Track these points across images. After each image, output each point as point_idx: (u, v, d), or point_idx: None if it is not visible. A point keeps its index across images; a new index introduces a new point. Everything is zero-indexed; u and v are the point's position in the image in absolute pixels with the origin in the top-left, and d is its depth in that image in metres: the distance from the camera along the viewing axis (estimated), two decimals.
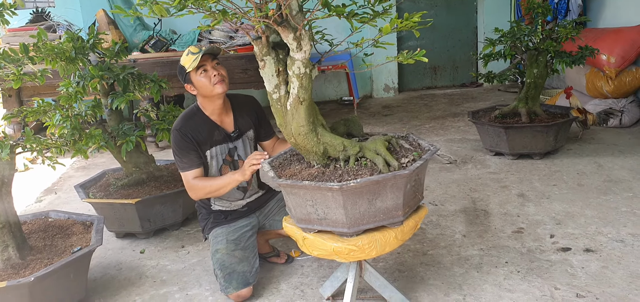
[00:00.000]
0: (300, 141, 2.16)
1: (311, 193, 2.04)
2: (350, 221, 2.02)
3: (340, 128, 2.35)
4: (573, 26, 4.47)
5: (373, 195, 2.00)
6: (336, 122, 2.38)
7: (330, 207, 2.03)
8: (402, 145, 2.24)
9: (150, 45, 5.91)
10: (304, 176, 2.14)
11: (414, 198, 2.17)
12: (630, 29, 5.25)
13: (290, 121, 2.14)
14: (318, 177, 2.11)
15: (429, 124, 5.97)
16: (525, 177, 4.07)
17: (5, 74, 2.57)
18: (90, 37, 3.28)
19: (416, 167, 2.01)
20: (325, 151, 2.17)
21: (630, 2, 5.40)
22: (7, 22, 2.64)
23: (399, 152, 2.20)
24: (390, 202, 2.04)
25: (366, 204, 2.01)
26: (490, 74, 4.79)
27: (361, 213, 2.02)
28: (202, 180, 2.70)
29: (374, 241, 2.08)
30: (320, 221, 2.09)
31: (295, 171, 2.22)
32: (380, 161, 2.06)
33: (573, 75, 5.85)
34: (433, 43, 8.05)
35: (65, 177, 5.16)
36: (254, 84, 5.64)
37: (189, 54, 2.62)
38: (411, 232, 2.18)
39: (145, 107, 3.65)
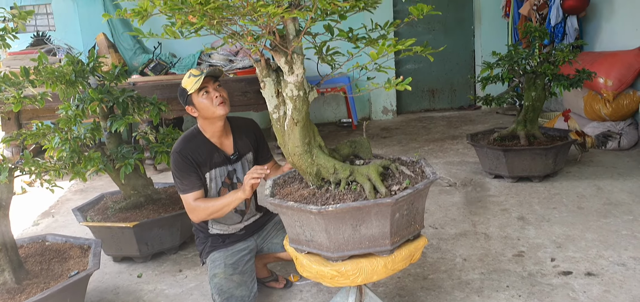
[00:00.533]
0: (295, 161, 2.17)
1: (297, 214, 2.06)
2: (333, 245, 2.01)
3: (345, 150, 2.33)
4: (570, 50, 4.51)
5: (357, 221, 1.97)
6: (342, 144, 2.36)
7: (314, 229, 2.03)
8: (403, 172, 2.19)
9: (150, 69, 5.94)
10: (296, 196, 2.15)
11: (408, 227, 2.11)
12: (626, 52, 5.29)
13: (287, 141, 2.15)
14: (308, 198, 2.10)
15: (427, 146, 5.98)
16: (525, 200, 4.06)
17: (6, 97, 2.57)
18: (90, 60, 3.30)
19: (400, 197, 1.96)
20: (319, 172, 2.17)
21: (626, 27, 5.45)
22: (8, 46, 2.65)
23: (396, 178, 2.16)
24: (376, 230, 1.99)
25: (350, 229, 1.98)
26: (489, 97, 4.80)
27: (345, 238, 1.99)
28: (203, 201, 2.69)
29: (359, 268, 2.03)
30: (308, 242, 2.09)
31: (291, 191, 2.22)
32: (367, 187, 2.04)
33: (571, 98, 5.87)
34: (431, 66, 8.10)
35: (62, 200, 5.13)
36: (253, 106, 5.65)
37: (191, 76, 2.63)
38: (405, 262, 2.11)
39: (144, 130, 3.65)
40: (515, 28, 7.13)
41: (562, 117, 5.07)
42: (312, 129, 2.18)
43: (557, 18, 6.05)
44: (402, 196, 1.96)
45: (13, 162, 2.41)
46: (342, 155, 2.30)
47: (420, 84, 8.21)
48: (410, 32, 7.58)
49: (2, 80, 2.52)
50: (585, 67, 4.65)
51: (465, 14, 7.99)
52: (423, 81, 8.19)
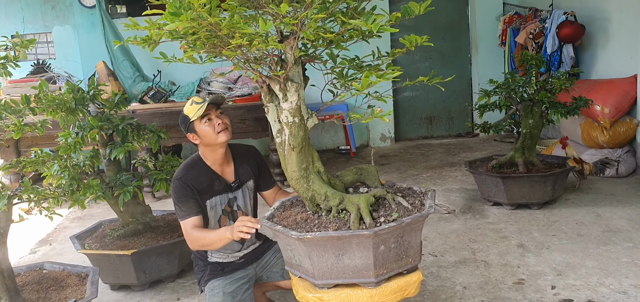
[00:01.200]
0: (294, 185, 2.19)
1: (285, 239, 2.06)
2: (317, 272, 1.99)
3: (349, 176, 2.30)
4: (567, 77, 4.55)
5: (339, 250, 1.95)
6: (347, 170, 2.33)
7: (300, 255, 2.03)
8: (400, 203, 2.13)
9: (149, 96, 5.97)
10: (290, 220, 2.15)
11: (398, 261, 2.03)
12: (622, 80, 5.34)
13: (286, 165, 2.17)
14: (300, 223, 2.10)
15: (426, 173, 5.98)
16: (524, 227, 4.05)
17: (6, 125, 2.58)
18: (90, 88, 3.32)
19: (381, 230, 1.91)
20: (313, 197, 2.17)
21: (622, 55, 5.51)
22: (9, 74, 2.67)
23: (391, 208, 2.10)
24: (359, 261, 1.96)
25: (333, 258, 1.96)
26: (486, 125, 4.83)
27: (329, 266, 1.97)
28: (198, 231, 2.67)
29: (342, 298, 2.00)
30: (298, 267, 2.09)
31: (291, 214, 2.23)
32: (352, 216, 2.02)
33: (568, 125, 5.91)
34: (428, 94, 8.15)
35: (60, 228, 5.11)
36: (251, 133, 5.67)
37: (193, 103, 2.64)
38: (395, 296, 2.03)
39: (143, 157, 3.65)
40: (512, 56, 7.19)
41: (560, 144, 5.09)
42: (312, 154, 2.18)
43: (553, 46, 6.11)
44: (383, 228, 1.92)
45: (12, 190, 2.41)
46: (346, 182, 2.29)
47: (418, 112, 8.25)
48: (407, 60, 7.65)
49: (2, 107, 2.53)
50: (582, 94, 4.69)
51: (462, 42, 8.08)
52: (421, 109, 8.24)
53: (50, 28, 7.42)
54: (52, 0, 7.40)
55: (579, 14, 6.01)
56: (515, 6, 7.64)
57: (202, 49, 1.90)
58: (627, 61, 5.39)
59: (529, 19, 6.99)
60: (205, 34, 1.80)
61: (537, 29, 6.53)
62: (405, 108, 8.21)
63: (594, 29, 5.97)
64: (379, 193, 2.17)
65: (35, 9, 7.36)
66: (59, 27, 7.43)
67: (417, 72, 7.56)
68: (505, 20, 7.39)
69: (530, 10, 7.09)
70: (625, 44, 5.41)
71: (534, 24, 6.65)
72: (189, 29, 1.78)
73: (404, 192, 2.30)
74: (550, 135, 6.90)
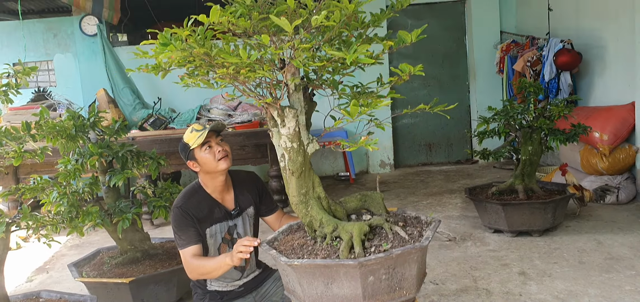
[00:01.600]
0: (294, 209, 2.19)
1: (278, 264, 2.07)
2: (308, 299, 1.98)
3: (352, 203, 2.28)
4: (565, 104, 4.57)
5: (327, 279, 1.93)
6: (351, 197, 2.31)
7: (293, 281, 2.02)
8: (397, 232, 2.09)
9: (149, 123, 5.98)
10: (287, 246, 2.15)
11: (390, 293, 1.97)
12: (620, 107, 5.36)
13: (288, 189, 2.18)
14: (296, 249, 2.10)
15: (426, 200, 5.97)
16: (526, 254, 4.03)
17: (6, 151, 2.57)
18: (90, 115, 3.32)
19: (367, 260, 1.88)
20: (311, 223, 2.17)
21: (619, 82, 5.55)
22: (10, 101, 2.68)
23: (388, 238, 2.06)
24: (348, 291, 1.92)
25: (322, 286, 1.94)
26: (486, 151, 4.83)
27: (318, 294, 1.95)
28: (197, 259, 2.65)
29: None
30: (293, 292, 2.08)
31: (293, 238, 2.22)
32: (343, 244, 2.00)
33: (567, 152, 5.91)
34: (427, 121, 8.18)
35: (58, 255, 5.07)
36: (251, 160, 5.67)
37: (193, 131, 2.64)
38: None
39: (143, 184, 3.64)
40: (510, 84, 7.24)
41: (560, 171, 5.09)
42: (312, 179, 2.17)
43: (551, 74, 6.16)
44: (369, 259, 1.89)
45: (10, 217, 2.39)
46: (349, 208, 2.27)
47: (418, 138, 8.27)
48: (406, 87, 7.69)
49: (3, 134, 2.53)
50: (581, 121, 4.70)
51: (460, 70, 8.14)
52: (420, 135, 8.26)
53: (52, 56, 7.48)
54: (54, 29, 7.47)
55: (575, 42, 6.06)
56: (512, 35, 7.72)
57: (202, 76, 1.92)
58: (624, 88, 5.43)
59: (526, 47, 7.06)
60: (200, 62, 1.83)
61: (534, 57, 6.58)
62: (404, 135, 8.23)
63: (590, 56, 6.02)
64: (377, 222, 2.13)
65: (37, 37, 7.43)
66: (61, 55, 7.49)
67: (416, 99, 7.60)
68: (503, 49, 7.46)
69: (527, 39, 7.16)
70: (622, 72, 5.45)
71: (531, 51, 6.71)
72: (183, 59, 1.82)
73: (409, 222, 2.24)
74: (550, 162, 6.90)
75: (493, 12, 7.89)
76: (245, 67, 1.80)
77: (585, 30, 6.10)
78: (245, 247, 2.32)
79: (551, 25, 6.65)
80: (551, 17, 6.65)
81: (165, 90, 7.25)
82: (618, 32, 5.47)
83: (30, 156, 2.66)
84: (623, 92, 5.45)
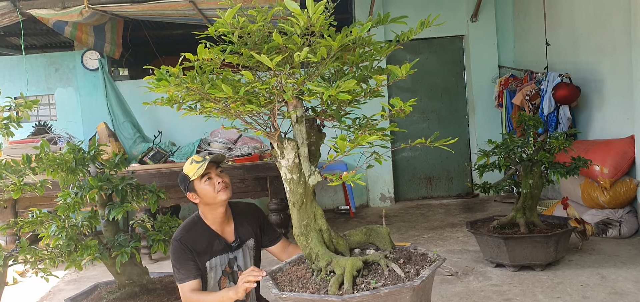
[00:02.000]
0: (296, 240, 2.20)
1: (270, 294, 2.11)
2: None
3: (357, 237, 2.25)
4: (565, 138, 4.58)
5: None
6: (356, 230, 2.28)
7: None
8: (394, 270, 2.05)
9: (149, 157, 5.98)
10: (287, 278, 2.16)
11: None
12: (619, 140, 5.37)
13: (292, 220, 2.19)
14: (293, 281, 2.10)
15: (427, 234, 5.93)
16: (528, 289, 3.98)
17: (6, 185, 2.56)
18: (91, 148, 3.32)
19: (350, 298, 1.86)
20: (310, 255, 2.15)
21: (617, 116, 5.57)
22: (12, 134, 2.68)
23: (383, 275, 2.03)
24: None
25: None
26: (487, 185, 4.82)
27: None
28: (197, 294, 2.62)
29: None
30: None
31: (294, 270, 2.22)
32: (333, 280, 1.99)
33: (568, 186, 5.90)
34: (427, 154, 8.19)
35: (55, 290, 5.01)
36: (251, 193, 5.64)
37: (193, 162, 2.64)
38: None
39: (142, 217, 3.62)
40: (509, 117, 7.27)
41: (561, 205, 5.07)
42: (314, 211, 2.16)
43: (550, 108, 6.18)
44: (353, 297, 1.87)
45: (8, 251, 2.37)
46: (352, 242, 2.24)
47: (418, 172, 8.26)
48: (405, 121, 7.71)
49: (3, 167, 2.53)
50: (580, 155, 4.70)
51: (459, 104, 8.18)
52: (420, 169, 8.25)
53: (53, 90, 7.52)
54: (56, 63, 7.54)
55: (573, 76, 6.11)
56: (511, 69, 7.79)
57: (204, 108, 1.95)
58: (623, 122, 5.45)
59: (524, 81, 7.11)
60: (197, 96, 1.88)
61: (533, 91, 6.62)
62: (404, 168, 8.23)
63: (589, 90, 6.06)
64: (373, 258, 2.10)
65: (39, 72, 7.48)
66: (62, 89, 7.54)
67: (416, 133, 7.61)
68: (501, 83, 7.51)
69: (526, 73, 7.22)
70: (621, 105, 5.48)
71: (530, 85, 6.75)
72: (176, 94, 1.87)
73: (413, 258, 2.19)
74: (550, 196, 6.88)
75: (491, 47, 7.97)
76: (234, 101, 1.83)
77: (583, 65, 6.16)
78: (254, 277, 2.30)
79: (549, 59, 6.71)
80: (549, 52, 6.72)
81: (165, 123, 7.27)
82: (616, 66, 5.52)
83: (30, 188, 2.66)
84: (622, 125, 5.47)
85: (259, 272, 2.31)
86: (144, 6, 5.72)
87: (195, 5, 5.77)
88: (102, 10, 5.79)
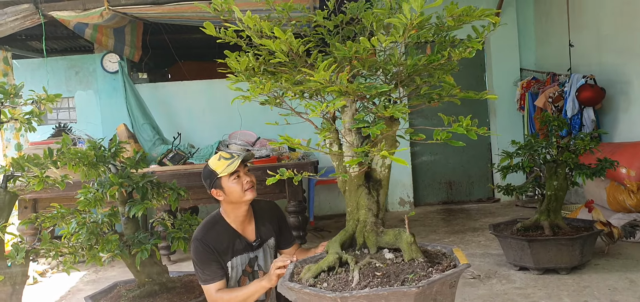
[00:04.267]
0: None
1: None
2: None
3: (387, 237, 2.22)
4: (590, 139, 4.47)
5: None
6: (388, 230, 2.26)
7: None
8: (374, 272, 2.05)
9: (169, 159, 5.98)
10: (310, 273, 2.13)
11: None
12: None
13: None
14: (321, 278, 2.09)
15: (448, 238, 5.84)
16: (554, 292, 3.88)
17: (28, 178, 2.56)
18: (111, 145, 3.31)
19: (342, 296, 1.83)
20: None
21: None
22: (33, 129, 2.68)
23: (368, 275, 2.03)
24: None
25: None
26: (510, 187, 4.72)
27: None
28: (226, 292, 2.58)
29: None
30: None
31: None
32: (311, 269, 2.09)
33: (593, 189, 5.77)
34: (447, 158, 8.08)
35: (74, 290, 5.02)
36: (269, 195, 5.60)
37: (222, 159, 2.60)
38: None
39: (162, 216, 3.60)
40: (531, 120, 7.15)
41: (586, 208, 4.95)
42: (358, 201, 2.21)
43: (574, 110, 6.07)
44: (349, 295, 1.83)
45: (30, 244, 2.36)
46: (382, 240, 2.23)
47: (438, 176, 8.15)
48: (424, 124, 7.63)
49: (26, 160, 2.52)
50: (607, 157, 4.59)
51: (480, 107, 8.08)
52: (440, 173, 8.14)
53: (73, 93, 7.58)
54: (77, 66, 7.60)
55: (598, 78, 5.99)
56: (532, 71, 7.67)
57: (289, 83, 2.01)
58: None
59: (547, 83, 6.99)
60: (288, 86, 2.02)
61: (556, 93, 6.51)
62: (424, 172, 8.13)
63: (614, 92, 5.93)
64: (345, 258, 2.11)
65: (60, 75, 7.55)
66: (82, 92, 7.59)
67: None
68: (523, 85, 7.40)
69: (548, 75, 7.10)
70: None
71: (552, 88, 6.64)
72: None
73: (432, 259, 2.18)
74: (574, 200, 6.74)
75: (512, 49, 7.86)
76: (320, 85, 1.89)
77: (608, 66, 6.03)
78: (284, 263, 2.31)
79: (572, 61, 6.59)
80: (572, 53, 6.60)
81: (184, 126, 7.29)
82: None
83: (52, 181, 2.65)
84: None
85: (290, 257, 2.32)
86: (163, 8, 5.73)
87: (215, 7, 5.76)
88: (122, 12, 5.81)
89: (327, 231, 6.61)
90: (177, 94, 7.54)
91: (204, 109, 7.55)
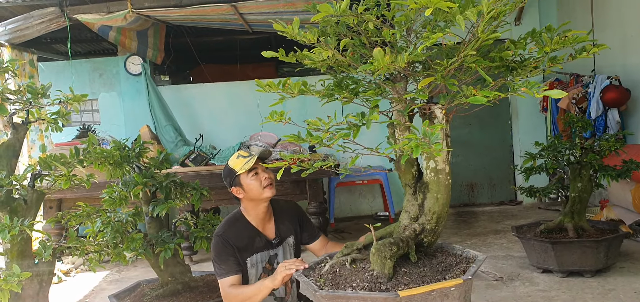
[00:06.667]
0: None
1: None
2: None
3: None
4: (615, 140, 4.40)
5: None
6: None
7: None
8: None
9: (191, 160, 6.05)
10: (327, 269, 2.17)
11: None
12: None
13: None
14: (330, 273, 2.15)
15: (470, 240, 5.79)
16: (578, 295, 3.82)
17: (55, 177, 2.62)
18: (135, 145, 3.36)
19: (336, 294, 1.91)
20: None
21: None
22: (60, 129, 2.74)
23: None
24: None
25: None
26: (533, 188, 4.67)
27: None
28: (235, 288, 2.60)
29: None
30: None
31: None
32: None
33: (618, 191, 5.67)
34: (469, 160, 8.01)
35: (97, 290, 5.09)
36: (290, 196, 5.63)
37: (240, 157, 2.64)
38: None
39: (185, 215, 3.64)
40: (554, 121, 7.06)
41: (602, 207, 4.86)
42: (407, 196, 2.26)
43: (598, 111, 5.97)
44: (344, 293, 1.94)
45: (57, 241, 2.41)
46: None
47: (459, 178, 8.08)
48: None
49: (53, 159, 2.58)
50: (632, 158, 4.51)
51: (502, 109, 7.99)
52: (462, 175, 8.07)
53: (97, 95, 7.71)
54: (100, 69, 7.73)
55: (622, 79, 5.88)
56: (555, 72, 7.56)
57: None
58: None
59: (570, 84, 6.89)
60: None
61: (580, 94, 6.41)
62: None
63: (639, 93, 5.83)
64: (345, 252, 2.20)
65: (84, 77, 7.68)
66: (105, 94, 7.72)
67: (458, 138, 7.48)
68: (546, 86, 7.30)
69: (572, 76, 6.99)
70: None
71: (576, 89, 6.54)
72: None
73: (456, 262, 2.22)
74: (598, 203, 6.63)
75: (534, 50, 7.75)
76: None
77: (633, 67, 5.92)
78: (296, 266, 2.28)
79: (596, 62, 6.49)
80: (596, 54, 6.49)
81: (206, 127, 7.36)
82: None
83: (79, 180, 2.70)
84: None
85: (301, 263, 2.30)
86: (186, 11, 5.80)
87: (237, 10, 5.81)
88: (145, 15, 5.90)
89: (347, 233, 6.61)
90: (199, 96, 7.62)
91: (226, 110, 7.62)
